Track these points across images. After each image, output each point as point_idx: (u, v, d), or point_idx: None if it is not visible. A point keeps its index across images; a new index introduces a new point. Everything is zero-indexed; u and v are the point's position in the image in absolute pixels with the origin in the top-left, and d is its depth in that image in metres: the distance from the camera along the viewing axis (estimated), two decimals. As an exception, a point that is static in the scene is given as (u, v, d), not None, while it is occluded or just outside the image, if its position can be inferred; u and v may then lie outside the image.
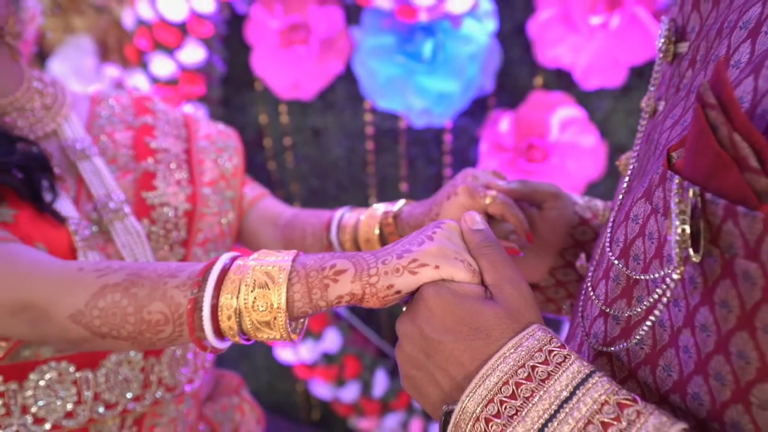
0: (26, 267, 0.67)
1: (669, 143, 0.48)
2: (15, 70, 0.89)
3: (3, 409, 0.82)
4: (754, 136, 0.33)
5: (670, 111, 0.51)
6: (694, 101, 0.42)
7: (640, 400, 0.42)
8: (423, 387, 0.53)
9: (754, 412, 0.36)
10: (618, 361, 0.50)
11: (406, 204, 0.90)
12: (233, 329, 0.58)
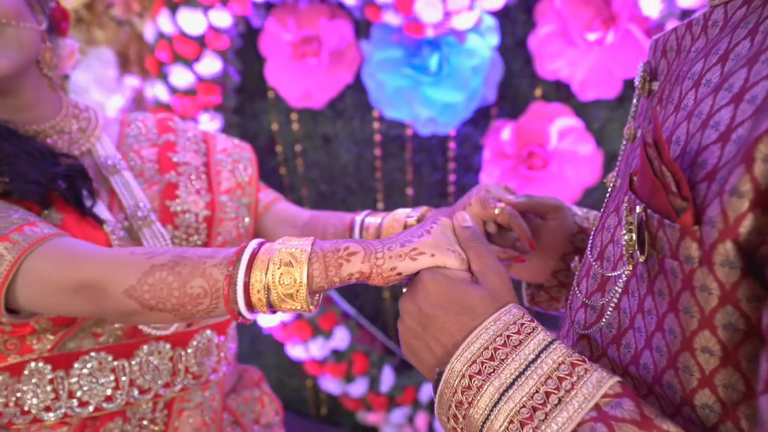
0: (83, 253, 0.78)
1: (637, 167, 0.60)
2: (54, 99, 1.01)
3: (53, 394, 0.92)
4: (674, 169, 0.45)
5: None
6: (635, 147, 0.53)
7: (588, 360, 0.53)
8: (420, 353, 0.64)
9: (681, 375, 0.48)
10: (594, 342, 0.62)
11: (429, 210, 1.01)
12: (262, 301, 0.67)
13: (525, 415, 0.49)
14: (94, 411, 0.94)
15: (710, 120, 0.46)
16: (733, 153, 0.42)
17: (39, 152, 0.93)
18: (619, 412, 0.46)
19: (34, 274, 0.77)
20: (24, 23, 0.90)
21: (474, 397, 0.53)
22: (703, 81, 0.51)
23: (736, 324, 0.43)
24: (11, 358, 0.93)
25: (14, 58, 0.89)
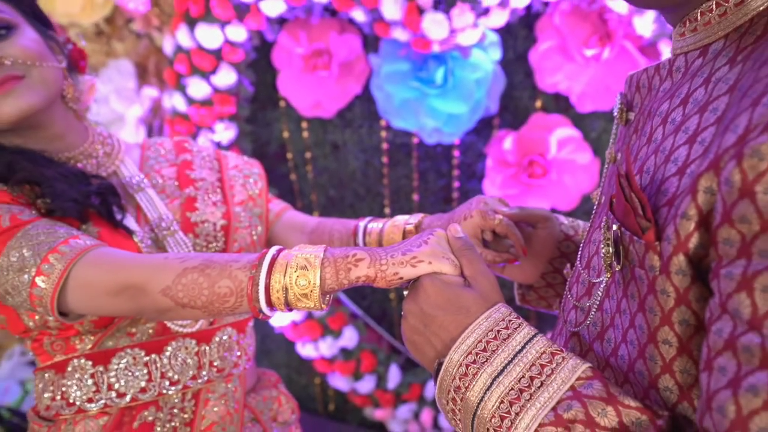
0: (123, 259, 0.88)
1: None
2: (81, 128, 1.13)
3: (94, 387, 1.03)
4: (641, 196, 0.56)
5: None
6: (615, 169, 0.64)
7: (564, 350, 0.62)
8: (422, 347, 0.73)
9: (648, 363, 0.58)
10: (582, 338, 0.72)
11: (425, 216, 1.12)
12: (280, 300, 0.77)
13: (513, 396, 0.60)
14: (131, 401, 1.04)
15: (671, 156, 0.57)
16: (686, 185, 0.52)
17: (73, 175, 1.03)
18: (590, 391, 0.57)
19: (81, 279, 0.87)
20: (47, 63, 1.01)
21: (470, 383, 0.63)
22: (669, 119, 0.62)
23: (689, 320, 0.53)
24: (57, 357, 1.03)
25: (42, 94, 1.00)
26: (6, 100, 0.96)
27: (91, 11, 2.40)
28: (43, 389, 1.05)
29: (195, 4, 2.16)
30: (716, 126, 0.52)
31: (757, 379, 0.43)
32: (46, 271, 0.86)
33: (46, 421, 1.05)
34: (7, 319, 1.00)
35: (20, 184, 0.98)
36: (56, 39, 1.09)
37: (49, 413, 1.03)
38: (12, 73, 0.96)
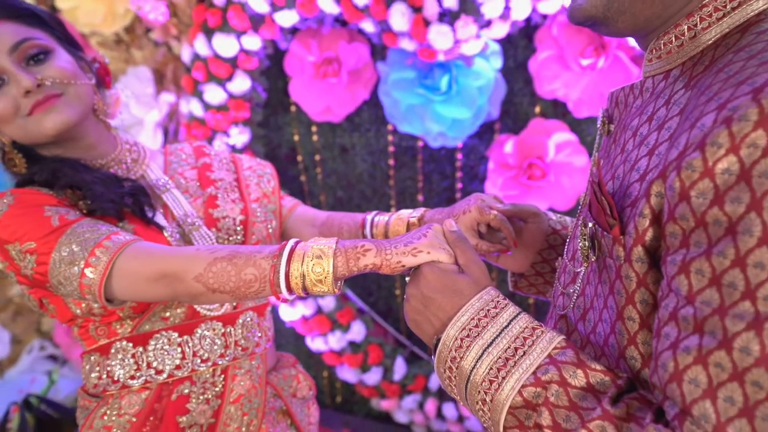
0: (160, 251, 1.00)
1: None
2: (110, 138, 1.25)
3: (135, 365, 1.14)
4: (609, 199, 0.67)
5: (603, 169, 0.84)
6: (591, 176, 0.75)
7: (544, 325, 0.73)
8: (422, 325, 0.84)
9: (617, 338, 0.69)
10: (569, 320, 0.84)
11: (427, 210, 1.24)
12: (298, 285, 0.89)
13: (500, 363, 0.71)
14: (168, 377, 1.16)
15: (635, 165, 0.68)
16: (644, 189, 0.64)
17: (108, 179, 1.15)
18: (564, 358, 0.68)
19: (124, 269, 0.99)
20: (80, 81, 1.13)
21: (464, 354, 0.74)
22: (637, 133, 0.73)
23: (647, 300, 0.65)
24: (101, 341, 1.15)
25: (78, 109, 1.12)
26: (48, 116, 1.08)
27: (112, 21, 2.51)
28: (90, 370, 1.17)
29: (213, 15, 2.27)
30: (669, 142, 0.63)
31: (690, 341, 0.55)
32: (93, 263, 0.98)
33: (95, 398, 1.17)
34: (56, 309, 1.12)
35: (64, 188, 1.10)
36: (85, 59, 1.21)
37: (97, 390, 1.15)
38: (52, 92, 1.09)
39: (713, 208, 0.54)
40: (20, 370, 3.26)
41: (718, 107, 0.56)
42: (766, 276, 0.51)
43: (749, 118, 0.52)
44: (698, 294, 0.55)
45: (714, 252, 0.54)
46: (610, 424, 0.60)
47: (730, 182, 0.53)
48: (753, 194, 0.52)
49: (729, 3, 0.67)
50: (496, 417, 0.69)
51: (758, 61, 0.58)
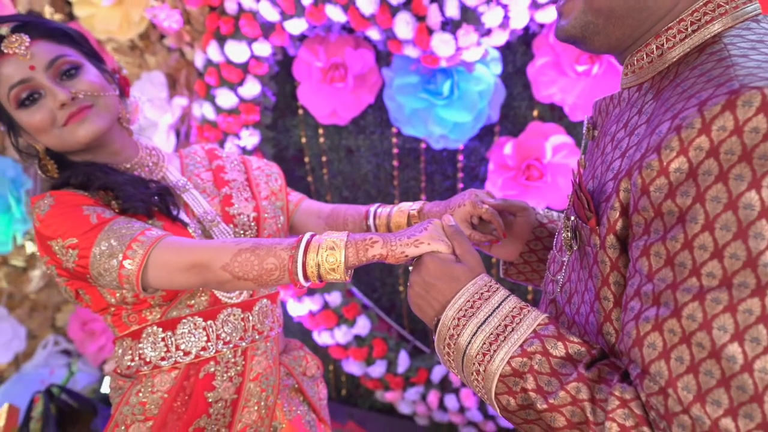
0: (190, 244, 1.11)
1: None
2: (132, 143, 1.36)
3: (165, 348, 1.25)
4: (587, 195, 0.77)
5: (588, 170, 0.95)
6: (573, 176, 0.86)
7: (530, 305, 0.83)
8: (424, 308, 0.93)
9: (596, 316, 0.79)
10: (558, 304, 0.94)
11: (426, 203, 1.34)
12: (314, 273, 1.00)
13: (492, 338, 0.81)
14: (195, 358, 1.26)
15: (611, 166, 0.79)
16: (615, 186, 0.74)
17: (136, 180, 1.26)
18: (546, 332, 0.78)
19: (158, 261, 1.09)
20: (108, 93, 1.24)
21: (461, 331, 0.84)
22: (615, 138, 0.83)
23: (619, 281, 0.75)
24: (132, 327, 1.26)
25: (107, 118, 1.24)
26: (82, 125, 1.20)
27: (127, 28, 2.62)
28: (123, 353, 1.27)
29: (225, 23, 2.38)
30: (636, 146, 0.74)
31: (649, 312, 0.65)
32: (130, 255, 1.08)
33: (129, 378, 1.28)
34: (91, 298, 1.22)
35: (97, 190, 1.21)
36: (109, 71, 1.32)
37: (131, 371, 1.26)
38: (84, 104, 1.20)
39: (667, 201, 0.65)
40: (36, 364, 3.37)
41: (672, 117, 0.66)
42: (708, 256, 0.61)
43: (695, 126, 0.62)
44: (656, 273, 0.66)
45: (668, 237, 0.65)
46: (584, 385, 0.70)
47: (681, 179, 0.63)
48: (698, 189, 0.62)
49: (690, 26, 0.77)
50: (488, 385, 0.79)
51: (706, 78, 0.68)
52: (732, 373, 0.59)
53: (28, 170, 3.15)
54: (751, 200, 0.58)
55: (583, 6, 0.82)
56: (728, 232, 0.60)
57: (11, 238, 3.08)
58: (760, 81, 0.61)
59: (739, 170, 0.59)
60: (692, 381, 0.61)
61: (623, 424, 0.66)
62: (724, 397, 0.59)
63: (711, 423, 0.60)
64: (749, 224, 0.58)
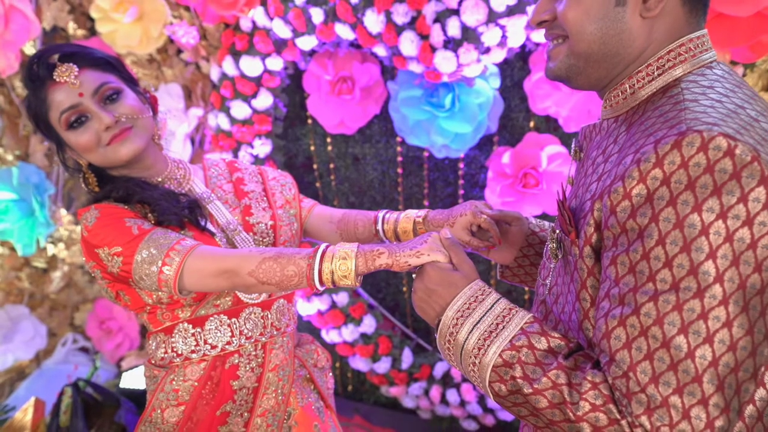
0: (221, 252, 1.25)
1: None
2: (163, 158, 1.49)
3: (194, 342, 1.39)
4: (568, 212, 0.92)
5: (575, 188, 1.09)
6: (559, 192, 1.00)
7: (518, 307, 0.96)
8: (427, 311, 1.05)
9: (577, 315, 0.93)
10: (547, 304, 1.08)
11: (429, 211, 1.48)
12: (329, 279, 1.14)
13: (486, 335, 0.94)
14: (220, 351, 1.40)
15: (589, 187, 0.93)
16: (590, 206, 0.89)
17: (169, 194, 1.40)
18: (532, 329, 0.92)
19: (193, 267, 1.24)
20: (144, 115, 1.38)
21: (459, 329, 0.97)
22: (595, 162, 0.98)
23: (595, 285, 0.90)
24: (165, 323, 1.40)
25: (145, 137, 1.38)
26: (124, 145, 1.34)
27: (147, 43, 2.76)
28: (157, 347, 1.42)
29: (240, 39, 2.53)
30: (608, 172, 0.88)
31: (616, 311, 0.80)
32: (168, 263, 1.23)
33: (162, 368, 1.42)
34: (130, 299, 1.36)
35: (135, 203, 1.35)
36: (143, 93, 1.45)
37: (164, 362, 1.41)
38: (125, 126, 1.34)
39: (630, 220, 0.79)
40: (55, 360, 3.52)
41: (635, 151, 0.81)
42: (661, 265, 0.75)
43: (651, 160, 0.77)
44: (622, 278, 0.80)
45: (630, 249, 0.79)
46: (562, 372, 0.85)
47: (640, 202, 0.78)
48: (653, 211, 0.76)
49: (656, 71, 0.92)
50: (483, 375, 0.93)
51: (663, 119, 0.83)
52: (678, 359, 0.74)
53: (51, 176, 3.30)
54: (693, 221, 0.73)
55: (567, 51, 0.97)
56: (676, 246, 0.74)
57: (35, 240, 3.22)
58: (701, 125, 0.75)
59: (685, 197, 0.74)
60: (648, 366, 0.76)
61: (594, 403, 0.80)
62: (673, 379, 0.74)
63: (662, 399, 0.75)
64: (692, 240, 0.73)
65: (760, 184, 0.72)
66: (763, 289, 0.73)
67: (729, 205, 0.72)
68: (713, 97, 0.83)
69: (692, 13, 0.92)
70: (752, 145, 0.73)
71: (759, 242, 0.72)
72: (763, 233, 0.72)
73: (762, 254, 0.72)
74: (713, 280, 0.73)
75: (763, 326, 0.74)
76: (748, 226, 0.72)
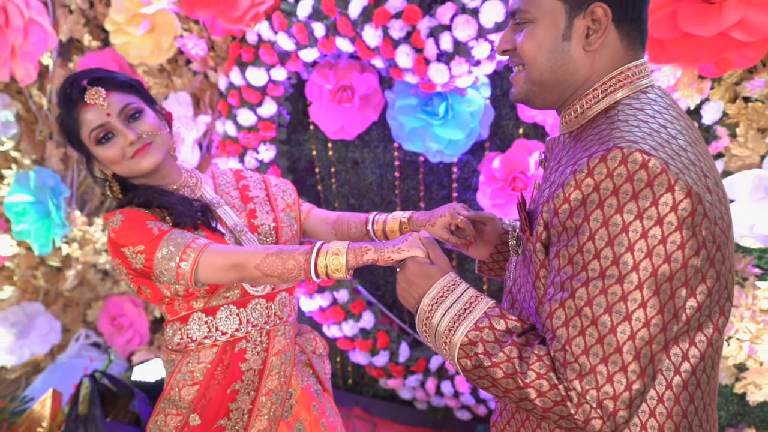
0: (230, 249, 1.40)
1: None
2: (177, 167, 1.64)
3: (207, 329, 1.54)
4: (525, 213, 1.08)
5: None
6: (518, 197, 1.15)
7: (482, 294, 1.10)
8: (408, 299, 1.19)
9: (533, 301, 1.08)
10: (512, 294, 1.22)
11: (414, 213, 1.63)
12: (323, 272, 1.30)
13: (455, 319, 1.08)
14: (230, 337, 1.56)
15: (544, 193, 1.08)
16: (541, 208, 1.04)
17: (183, 200, 1.56)
18: (493, 313, 1.06)
19: (207, 262, 1.39)
20: (163, 131, 1.54)
21: (433, 314, 1.12)
22: (552, 171, 1.13)
23: (546, 275, 1.05)
24: (181, 313, 1.56)
25: (163, 151, 1.54)
26: (145, 158, 1.50)
27: (158, 54, 2.92)
28: (173, 333, 1.58)
29: (246, 51, 2.69)
30: (557, 180, 1.04)
31: (557, 295, 0.95)
32: (185, 258, 1.39)
33: (178, 353, 1.58)
34: (151, 292, 1.51)
35: (155, 208, 1.51)
36: (160, 111, 1.61)
37: (180, 347, 1.56)
38: (146, 141, 1.50)
39: (568, 220, 0.95)
40: (69, 355, 3.68)
41: (573, 163, 0.96)
42: (591, 257, 0.91)
43: (584, 171, 0.92)
44: (562, 269, 0.96)
45: (569, 245, 0.95)
46: (515, 347, 1.00)
47: (576, 205, 0.93)
48: (586, 212, 0.92)
49: (600, 94, 1.07)
50: (452, 352, 1.08)
51: (599, 136, 0.98)
52: (604, 334, 0.89)
53: (66, 180, 3.47)
54: (617, 221, 0.89)
55: (525, 78, 1.13)
56: (603, 241, 0.90)
57: (51, 241, 3.38)
58: (624, 143, 0.91)
59: (610, 201, 0.90)
60: (581, 341, 0.91)
61: (539, 372, 0.95)
62: (600, 351, 0.90)
63: (590, 367, 0.90)
64: (615, 236, 0.89)
65: (668, 191, 0.87)
66: (672, 276, 0.88)
67: (644, 208, 0.88)
68: (641, 118, 0.98)
69: (630, 46, 1.08)
70: (664, 160, 0.89)
71: (668, 238, 0.87)
72: (670, 231, 0.87)
73: (670, 248, 0.88)
74: (631, 269, 0.88)
75: (672, 307, 0.89)
76: (659, 225, 0.87)
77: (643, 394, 0.91)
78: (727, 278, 0.99)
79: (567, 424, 0.94)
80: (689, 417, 1.00)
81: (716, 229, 0.93)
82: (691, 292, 0.92)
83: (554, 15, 1.07)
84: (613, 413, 0.90)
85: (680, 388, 0.99)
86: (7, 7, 2.90)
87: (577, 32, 1.06)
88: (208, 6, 2.64)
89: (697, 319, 0.96)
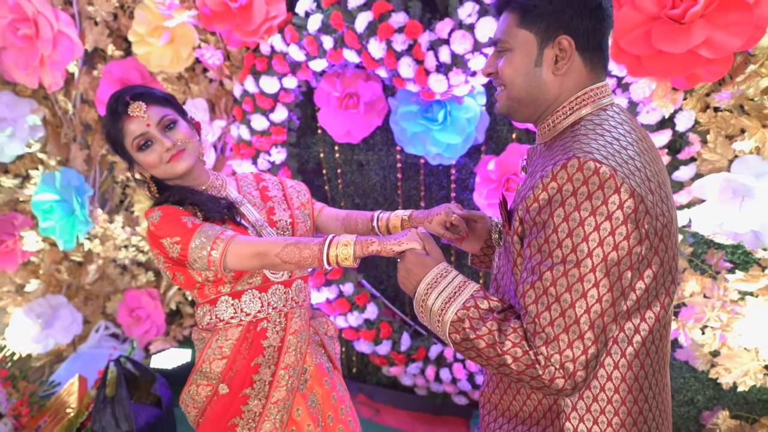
0: (254, 240, 1.59)
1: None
2: (205, 171, 1.84)
3: (233, 310, 1.74)
4: (505, 211, 1.28)
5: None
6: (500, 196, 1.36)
7: (469, 280, 1.29)
8: (407, 286, 1.33)
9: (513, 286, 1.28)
10: (498, 280, 1.41)
11: (413, 211, 1.83)
12: (334, 261, 1.47)
13: (447, 301, 1.27)
14: (253, 318, 1.76)
15: (521, 194, 1.29)
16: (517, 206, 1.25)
17: (212, 198, 1.76)
18: (478, 295, 1.24)
19: (234, 251, 1.58)
20: (194, 139, 1.74)
21: (428, 297, 1.31)
22: (530, 176, 1.34)
23: (522, 263, 1.26)
24: (210, 297, 1.76)
25: (195, 156, 1.74)
26: (179, 163, 1.70)
27: (177, 63, 3.12)
28: (203, 315, 1.78)
29: (260, 61, 2.89)
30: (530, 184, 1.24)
31: (529, 278, 1.15)
32: (215, 247, 1.59)
33: (208, 332, 1.78)
34: (184, 279, 1.71)
35: (188, 205, 1.71)
36: (191, 122, 1.81)
37: (210, 326, 1.77)
38: (180, 148, 1.70)
39: (537, 216, 1.14)
40: (89, 345, 3.87)
41: (542, 169, 1.17)
42: (555, 246, 1.10)
43: (549, 176, 1.12)
44: (533, 256, 1.15)
45: (537, 236, 1.14)
46: (495, 322, 1.19)
47: (544, 204, 1.13)
48: (551, 209, 1.12)
49: (569, 110, 1.28)
50: (444, 329, 1.27)
51: (563, 147, 1.18)
52: (565, 309, 1.10)
53: (89, 179, 3.67)
54: (575, 216, 1.09)
55: (506, 96, 1.33)
56: (564, 233, 1.10)
57: (75, 237, 3.58)
58: (581, 153, 1.11)
59: (570, 200, 1.10)
60: (547, 315, 1.12)
61: (514, 341, 1.15)
62: (562, 322, 1.10)
63: (554, 335, 1.10)
64: (573, 229, 1.09)
65: (615, 192, 1.08)
66: (619, 261, 1.09)
67: (596, 206, 1.08)
68: (599, 132, 1.19)
69: (593, 71, 1.28)
70: (613, 167, 1.09)
71: (615, 231, 1.08)
72: (618, 225, 1.08)
73: (618, 239, 1.08)
74: (586, 255, 1.08)
75: (620, 286, 1.10)
76: (608, 220, 1.08)
77: (597, 358, 1.11)
78: (671, 264, 1.19)
79: (536, 384, 1.14)
80: (640, 380, 1.20)
81: (657, 223, 1.13)
82: (639, 276, 1.12)
83: (528, 45, 1.27)
84: (573, 373, 1.10)
85: (632, 356, 1.19)
86: (38, 19, 3.10)
87: (547, 59, 1.26)
88: (225, 20, 2.84)
89: (646, 299, 1.16)
